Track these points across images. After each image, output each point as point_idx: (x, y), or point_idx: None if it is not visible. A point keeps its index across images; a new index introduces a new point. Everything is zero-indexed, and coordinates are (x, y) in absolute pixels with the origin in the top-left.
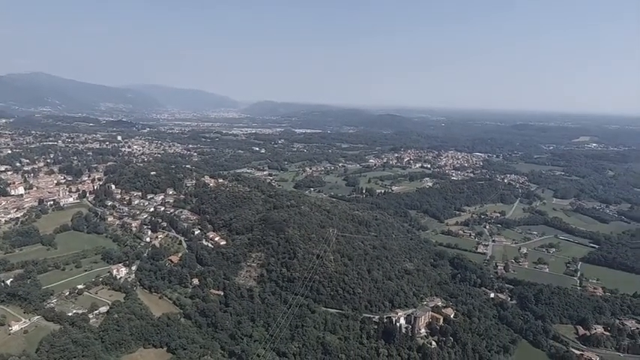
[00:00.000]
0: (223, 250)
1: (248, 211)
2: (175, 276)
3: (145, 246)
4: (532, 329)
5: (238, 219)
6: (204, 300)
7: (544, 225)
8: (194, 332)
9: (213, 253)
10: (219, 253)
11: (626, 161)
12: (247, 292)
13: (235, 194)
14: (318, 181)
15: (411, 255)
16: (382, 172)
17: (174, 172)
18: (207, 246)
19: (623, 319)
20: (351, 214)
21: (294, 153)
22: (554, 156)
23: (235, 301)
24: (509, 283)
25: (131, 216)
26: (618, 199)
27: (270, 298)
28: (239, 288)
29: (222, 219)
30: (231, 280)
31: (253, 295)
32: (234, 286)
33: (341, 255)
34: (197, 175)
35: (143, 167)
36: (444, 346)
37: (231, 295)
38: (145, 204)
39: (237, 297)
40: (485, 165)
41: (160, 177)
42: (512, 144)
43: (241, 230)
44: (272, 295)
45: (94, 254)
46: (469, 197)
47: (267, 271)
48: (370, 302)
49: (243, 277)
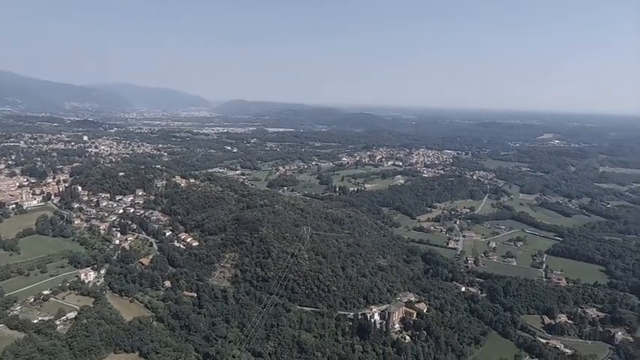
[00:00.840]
0: (196, 251)
1: (221, 211)
2: (146, 279)
3: (114, 249)
4: (501, 321)
5: (211, 219)
6: (177, 302)
7: (511, 219)
8: (167, 335)
9: (185, 254)
10: (191, 255)
11: (586, 157)
12: (221, 293)
13: (207, 194)
14: (291, 179)
15: (384, 252)
16: (355, 170)
17: (144, 173)
18: (179, 247)
19: (584, 307)
20: (324, 212)
21: (267, 152)
22: (520, 153)
23: (209, 303)
24: (480, 276)
25: (99, 218)
26: (580, 193)
27: (244, 299)
28: (213, 289)
29: (194, 219)
30: (204, 281)
31: (227, 296)
32: (207, 287)
33: (315, 253)
34: (168, 175)
35: (111, 168)
36: (418, 340)
37: (204, 296)
38: (114, 206)
39: (211, 298)
40: (455, 162)
41: (129, 178)
42: (481, 142)
43: (214, 231)
44: (246, 296)
45: (60, 259)
46: (440, 194)
47: (241, 271)
48: (345, 299)
49: (216, 277)
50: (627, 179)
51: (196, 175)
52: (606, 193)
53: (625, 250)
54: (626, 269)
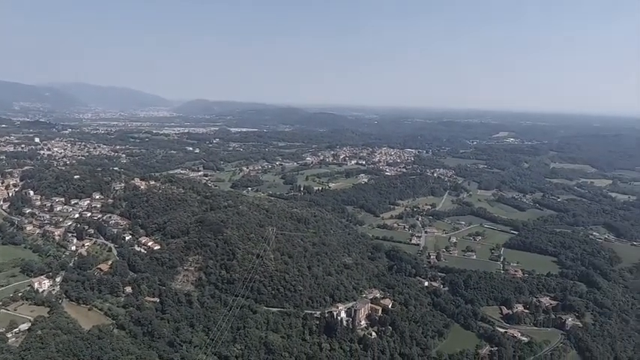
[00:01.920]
0: (158, 255)
1: (183, 213)
2: (106, 285)
3: (70, 255)
4: (463, 313)
5: (173, 222)
6: (139, 308)
7: (471, 215)
8: (129, 343)
9: (146, 258)
10: (153, 259)
11: (538, 154)
12: (185, 297)
13: (169, 196)
14: (255, 180)
15: (349, 250)
16: (319, 169)
17: (101, 175)
18: (139, 252)
19: (539, 296)
20: (289, 212)
21: (230, 152)
22: (478, 150)
23: (173, 307)
24: (442, 271)
25: (53, 224)
26: (533, 188)
27: (209, 302)
28: (176, 293)
29: (155, 223)
30: (167, 285)
31: (192, 300)
32: (170, 291)
33: (281, 253)
34: (126, 177)
35: (65, 171)
36: (384, 335)
37: (167, 301)
38: (69, 210)
39: (175, 303)
40: (416, 160)
41: (85, 181)
42: (440, 140)
43: (176, 233)
44: (211, 299)
45: (11, 267)
46: (402, 191)
47: (205, 274)
48: (311, 298)
49: (180, 281)
50: (575, 174)
51: (157, 177)
52: (557, 188)
53: (574, 241)
54: (575, 259)
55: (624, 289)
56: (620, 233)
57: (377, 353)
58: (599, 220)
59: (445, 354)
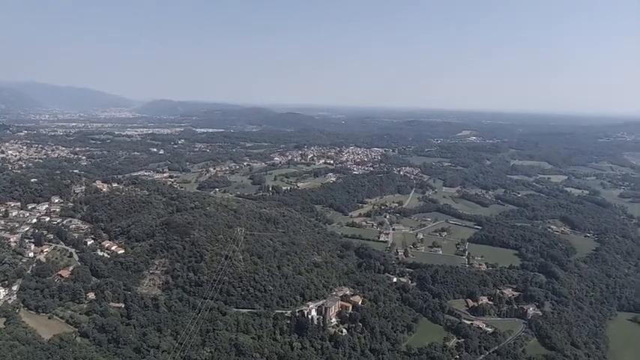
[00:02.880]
0: (122, 260)
1: (148, 215)
2: (67, 292)
3: (28, 262)
4: (430, 307)
5: (137, 225)
6: (103, 315)
7: (436, 211)
8: (93, 351)
9: (110, 263)
10: (117, 263)
11: (499, 152)
12: (152, 302)
13: (132, 199)
14: (223, 181)
15: (319, 248)
16: (287, 169)
17: (60, 178)
18: (102, 256)
19: (502, 288)
20: (258, 212)
21: (196, 153)
22: (442, 149)
23: (139, 312)
24: (409, 267)
25: (9, 230)
26: (495, 184)
27: (177, 305)
28: (142, 298)
29: (118, 226)
30: (132, 290)
31: (159, 304)
32: (136, 296)
33: (250, 254)
34: (87, 180)
35: (21, 174)
36: (354, 332)
37: (133, 306)
38: (26, 215)
39: (141, 307)
40: (383, 159)
41: (43, 184)
42: (406, 139)
43: (141, 237)
44: (179, 302)
45: None
46: (370, 190)
47: (172, 277)
48: (282, 298)
49: (146, 286)
50: (533, 171)
51: (120, 179)
52: (517, 184)
53: (533, 234)
54: (534, 251)
55: (579, 278)
56: (575, 225)
57: (348, 350)
58: (556, 213)
59: (414, 348)
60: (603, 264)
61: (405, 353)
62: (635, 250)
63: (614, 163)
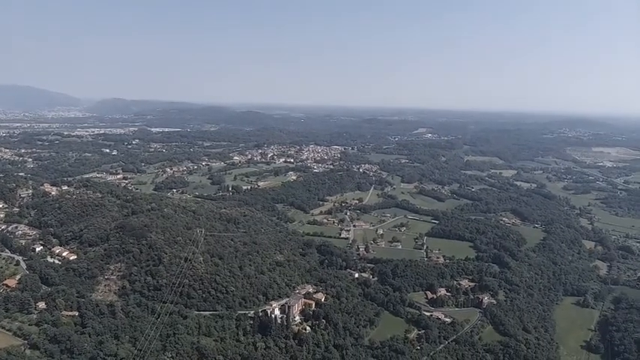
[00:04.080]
0: (74, 266)
1: (102, 219)
2: (14, 303)
3: None
4: (392, 301)
5: (90, 229)
6: (55, 324)
7: (395, 207)
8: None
9: (61, 270)
10: (69, 270)
11: (454, 148)
12: (108, 308)
13: (84, 202)
14: (180, 181)
15: (281, 247)
16: (247, 168)
17: (4, 182)
18: (53, 263)
19: (459, 280)
20: (218, 212)
21: (151, 153)
22: (400, 146)
23: (94, 320)
24: (370, 262)
25: None
26: (450, 180)
27: (135, 311)
28: (97, 305)
29: (70, 231)
30: (86, 297)
31: (115, 311)
32: (91, 303)
33: (211, 255)
34: (34, 183)
35: None
36: (318, 328)
37: (88, 314)
38: None
39: (96, 315)
40: (343, 157)
41: None
42: (365, 137)
43: (95, 241)
44: (137, 307)
45: None
46: (330, 187)
47: (129, 282)
48: (244, 298)
49: (101, 292)
50: (486, 166)
51: (70, 182)
52: (471, 179)
53: (487, 226)
54: (488, 243)
55: (529, 267)
56: (524, 217)
57: (312, 347)
58: (507, 206)
59: (377, 341)
60: (550, 252)
61: (368, 347)
62: (578, 239)
63: (558, 158)
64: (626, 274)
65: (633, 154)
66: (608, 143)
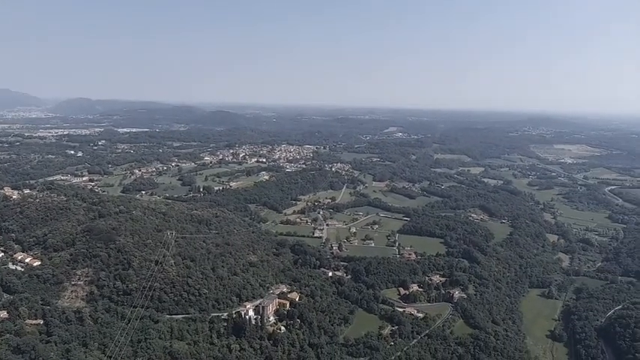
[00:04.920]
0: (38, 272)
1: (67, 223)
2: None
3: None
4: (365, 298)
5: (55, 233)
6: (18, 334)
7: (368, 206)
8: None
9: (24, 277)
10: (32, 276)
11: (423, 147)
12: (75, 315)
13: (48, 206)
14: (149, 183)
15: (254, 248)
16: (219, 169)
17: None
18: (15, 270)
19: (430, 275)
20: (189, 214)
21: (119, 155)
22: (371, 145)
23: (60, 328)
24: (344, 260)
25: None
26: (420, 178)
27: (104, 317)
28: (64, 312)
29: (33, 236)
30: (52, 304)
31: (83, 317)
32: (57, 310)
33: (182, 257)
34: None
35: None
36: (293, 328)
37: (53, 321)
38: None
39: (63, 322)
40: (315, 156)
41: None
42: (337, 136)
43: (60, 246)
44: (106, 313)
45: None
46: (303, 187)
47: (97, 287)
48: (218, 300)
49: (67, 298)
50: (454, 164)
51: (32, 185)
52: (440, 177)
53: (456, 223)
54: (458, 239)
55: (497, 261)
56: (492, 213)
57: (287, 347)
58: (475, 202)
59: (352, 339)
60: (516, 246)
61: (343, 345)
62: (542, 233)
63: (522, 155)
64: (586, 265)
65: (591, 151)
66: (569, 141)
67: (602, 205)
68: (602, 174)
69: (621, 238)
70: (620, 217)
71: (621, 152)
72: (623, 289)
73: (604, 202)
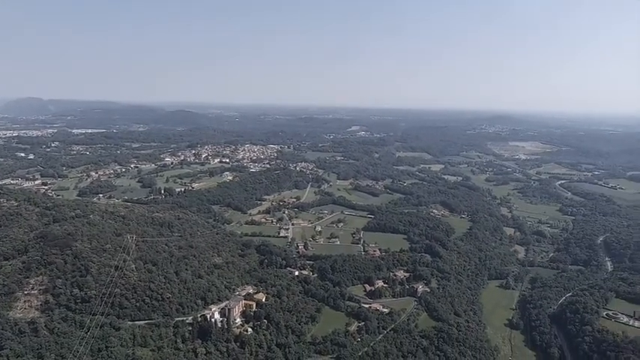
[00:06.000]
0: None
1: (18, 229)
2: None
3: None
4: (332, 296)
5: (5, 241)
6: None
7: (332, 204)
8: None
9: None
10: None
11: (386, 145)
12: (29, 326)
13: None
14: (107, 185)
15: (218, 249)
16: (180, 170)
17: None
18: None
19: (395, 271)
20: (150, 217)
21: (73, 157)
22: (335, 144)
23: (12, 341)
24: (310, 259)
25: None
26: (383, 175)
27: (60, 327)
28: (16, 323)
29: None
30: (3, 316)
31: (37, 328)
32: (8, 322)
33: (144, 262)
34: None
35: None
36: (260, 329)
37: (5, 334)
38: None
39: (15, 334)
40: (279, 155)
41: None
42: (300, 135)
43: (11, 254)
44: (63, 323)
45: None
46: (268, 187)
47: (53, 295)
48: (182, 304)
49: (20, 309)
50: (416, 161)
51: None
52: (402, 174)
53: (419, 219)
54: (420, 234)
55: (458, 255)
56: (452, 209)
57: (254, 348)
58: (436, 199)
59: (319, 337)
60: (476, 240)
61: (311, 343)
62: (499, 226)
63: (480, 152)
64: (540, 256)
65: (543, 147)
66: (523, 138)
67: (553, 199)
68: (553, 169)
69: (570, 229)
70: (570, 210)
71: (570, 148)
72: (572, 277)
73: (555, 196)
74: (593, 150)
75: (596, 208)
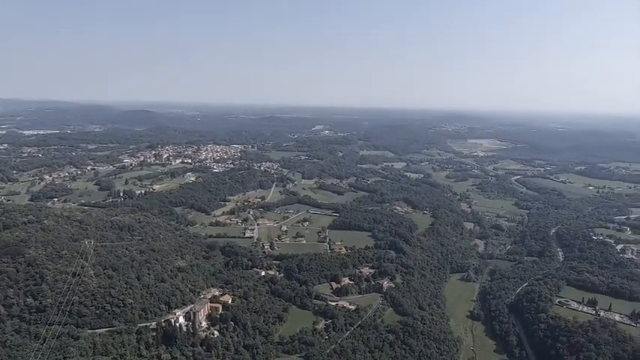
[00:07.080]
0: None
1: None
2: None
3: None
4: (299, 295)
5: None
6: None
7: (298, 203)
8: None
9: None
10: None
11: (350, 143)
12: None
13: None
14: (62, 189)
15: (182, 252)
16: (140, 171)
17: None
18: None
19: (360, 268)
20: (109, 220)
21: (24, 159)
22: (299, 143)
23: None
24: (276, 259)
25: None
26: (348, 174)
27: (13, 339)
28: None
29: None
30: None
31: None
32: None
33: (103, 267)
34: None
35: None
36: (226, 331)
37: None
38: None
39: None
40: (243, 155)
41: None
42: (264, 135)
43: None
44: (17, 334)
45: None
46: (232, 187)
47: (4, 306)
48: (145, 310)
49: None
50: (379, 159)
51: None
52: (366, 172)
53: (383, 216)
54: (385, 231)
55: (421, 250)
56: (415, 205)
57: (221, 351)
58: (399, 196)
59: (287, 336)
60: (438, 235)
61: (279, 343)
62: (460, 221)
63: (440, 150)
64: (498, 249)
65: (500, 145)
66: (480, 135)
67: (509, 194)
68: (508, 165)
69: (526, 222)
70: (525, 204)
71: (524, 145)
72: (528, 268)
73: (511, 191)
74: (546, 146)
75: (549, 201)
